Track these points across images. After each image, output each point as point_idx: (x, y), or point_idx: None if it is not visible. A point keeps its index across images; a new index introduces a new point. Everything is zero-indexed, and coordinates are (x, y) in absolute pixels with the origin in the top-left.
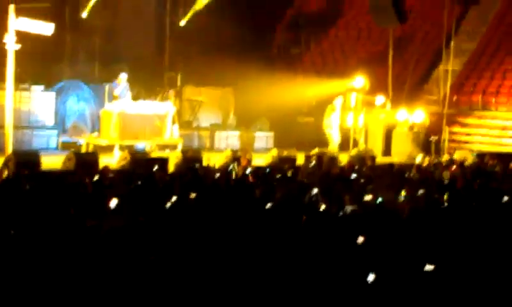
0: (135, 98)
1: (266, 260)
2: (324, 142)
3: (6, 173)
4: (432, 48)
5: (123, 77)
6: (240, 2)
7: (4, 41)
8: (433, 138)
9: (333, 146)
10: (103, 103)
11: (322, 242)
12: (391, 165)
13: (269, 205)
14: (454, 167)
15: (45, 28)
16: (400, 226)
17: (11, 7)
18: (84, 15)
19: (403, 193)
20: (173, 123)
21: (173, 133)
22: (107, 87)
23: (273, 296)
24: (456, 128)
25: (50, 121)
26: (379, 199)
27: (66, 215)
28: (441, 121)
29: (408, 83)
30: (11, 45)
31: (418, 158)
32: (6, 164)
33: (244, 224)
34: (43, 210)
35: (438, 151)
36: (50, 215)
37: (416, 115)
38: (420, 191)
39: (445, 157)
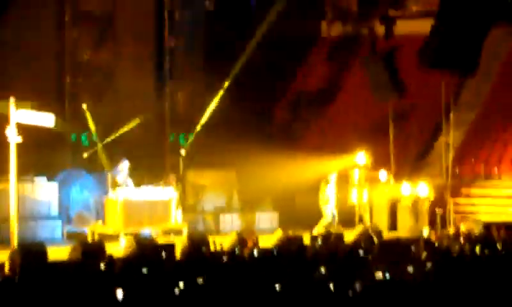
0: (138, 184)
1: None
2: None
3: (10, 266)
4: (432, 120)
5: (124, 163)
6: (239, 82)
7: (6, 133)
8: (438, 210)
9: (326, 222)
10: (106, 191)
11: None
12: (398, 241)
13: (278, 286)
14: (462, 239)
15: (46, 120)
16: (411, 302)
17: (12, 100)
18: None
19: (411, 269)
20: (177, 208)
21: (176, 219)
22: (109, 174)
23: None
24: (461, 200)
25: (54, 211)
26: (388, 276)
27: None
28: (445, 193)
29: (410, 156)
30: (13, 138)
31: (425, 232)
32: (11, 257)
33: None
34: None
35: (444, 224)
36: None
37: (420, 188)
38: (429, 265)
39: (452, 230)
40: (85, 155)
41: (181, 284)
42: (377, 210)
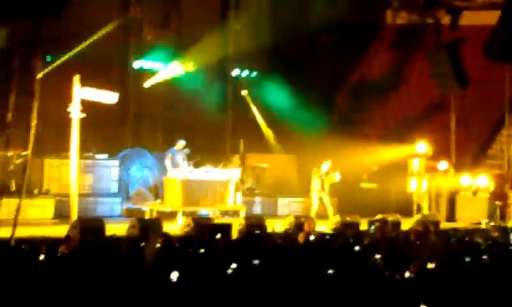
0: (198, 165)
1: None
2: (387, 209)
3: (70, 241)
4: (495, 113)
5: (180, 143)
6: (300, 69)
7: (69, 110)
8: (498, 203)
9: (313, 211)
10: (165, 171)
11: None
12: (455, 231)
13: (331, 271)
14: None
15: (110, 97)
16: (465, 293)
17: (76, 77)
18: (148, 84)
19: (468, 259)
20: (237, 189)
21: (236, 200)
22: (169, 154)
23: None
24: None
25: (114, 188)
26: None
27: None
28: (505, 186)
29: (471, 148)
30: (76, 114)
31: (483, 224)
32: (71, 231)
33: (306, 290)
34: (107, 278)
35: (503, 217)
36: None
37: (480, 180)
38: (484, 257)
39: (511, 223)
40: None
41: (235, 264)
42: (436, 200)
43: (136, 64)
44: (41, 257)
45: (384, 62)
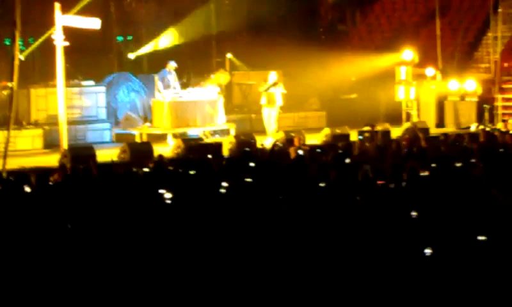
0: (185, 85)
1: (323, 238)
2: (376, 118)
3: (61, 169)
4: (480, 15)
5: (172, 64)
6: None
7: (52, 37)
8: (486, 106)
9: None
10: (153, 93)
11: (378, 216)
12: (445, 136)
13: (323, 184)
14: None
15: (93, 23)
16: (459, 198)
17: (57, 5)
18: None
19: (458, 164)
20: (225, 107)
21: (223, 119)
22: (156, 77)
23: (332, 272)
24: (509, 95)
25: (102, 114)
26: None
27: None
28: (493, 89)
29: (457, 52)
30: (59, 42)
31: (472, 127)
32: (62, 160)
33: (299, 204)
34: (102, 203)
35: (492, 119)
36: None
37: (468, 84)
38: (473, 160)
39: (500, 125)
40: (131, 55)
41: (227, 183)
42: (425, 107)
43: None
44: (32, 187)
45: None
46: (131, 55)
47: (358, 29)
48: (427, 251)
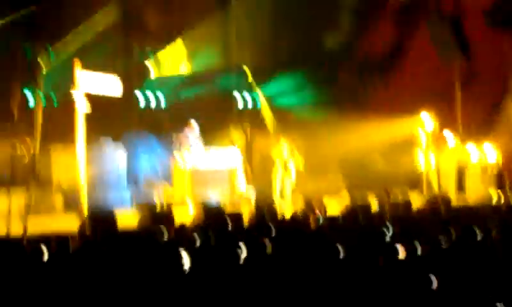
0: (205, 147)
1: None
2: (395, 185)
3: (81, 234)
4: (500, 82)
5: (193, 123)
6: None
7: (73, 97)
8: (507, 175)
9: (275, 193)
10: (173, 153)
11: (399, 285)
12: (466, 207)
13: (343, 253)
14: None
15: (113, 87)
16: (476, 268)
17: (77, 62)
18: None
19: (479, 233)
20: (245, 175)
21: (244, 186)
22: (176, 136)
23: None
24: None
25: (123, 178)
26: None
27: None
28: None
29: (478, 119)
30: (81, 105)
31: (494, 198)
32: (82, 225)
33: (319, 273)
34: (121, 270)
35: None
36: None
37: (488, 151)
38: (494, 232)
39: None
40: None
41: (246, 251)
42: (445, 174)
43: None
44: (52, 253)
45: (387, 36)
46: (151, 112)
47: (379, 94)
48: None
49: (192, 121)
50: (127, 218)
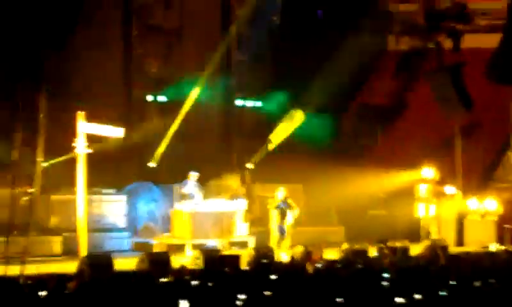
0: (205, 197)
1: None
2: (395, 235)
3: (79, 277)
4: (500, 135)
5: (193, 174)
6: (306, 95)
7: (74, 145)
8: (507, 226)
9: (273, 241)
10: (172, 203)
11: None
12: (464, 256)
13: (340, 299)
14: None
15: (116, 131)
16: None
17: (81, 114)
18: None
19: (477, 283)
20: (244, 220)
21: (242, 231)
22: (176, 186)
23: None
24: None
25: (121, 223)
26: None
27: None
28: None
29: (478, 171)
30: (82, 150)
31: (492, 247)
32: (80, 267)
33: None
34: None
35: None
36: None
37: (488, 203)
38: (492, 281)
39: None
40: (151, 165)
41: (244, 296)
42: (445, 225)
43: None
44: (50, 293)
45: (388, 87)
46: (151, 164)
47: (380, 144)
48: None
49: (193, 172)
50: (125, 262)
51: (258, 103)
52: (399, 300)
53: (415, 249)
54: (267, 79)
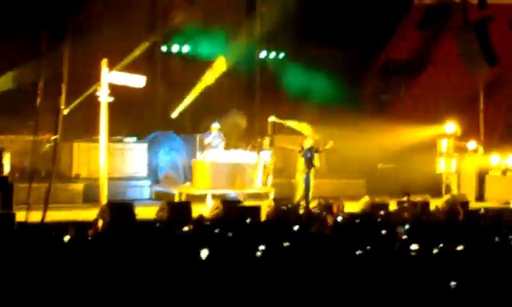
0: (226, 147)
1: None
2: (416, 189)
3: (100, 223)
4: None
5: (215, 126)
6: (330, 49)
7: (97, 94)
8: None
9: (297, 192)
10: (194, 153)
11: (415, 286)
12: (485, 211)
13: (360, 252)
14: None
15: (137, 81)
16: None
17: (104, 61)
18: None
19: (497, 238)
20: (267, 172)
21: (266, 182)
22: (198, 137)
23: None
24: None
25: (142, 172)
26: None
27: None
28: None
29: (500, 127)
30: (104, 98)
31: None
32: (101, 214)
33: (335, 271)
34: (138, 259)
35: None
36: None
37: (510, 159)
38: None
39: None
40: (173, 115)
41: (263, 246)
42: (465, 180)
43: (164, 48)
44: (68, 239)
45: (412, 43)
46: (174, 114)
47: (402, 99)
48: None
49: (214, 124)
50: (146, 211)
51: (282, 56)
52: (414, 247)
53: (435, 204)
54: (292, 33)
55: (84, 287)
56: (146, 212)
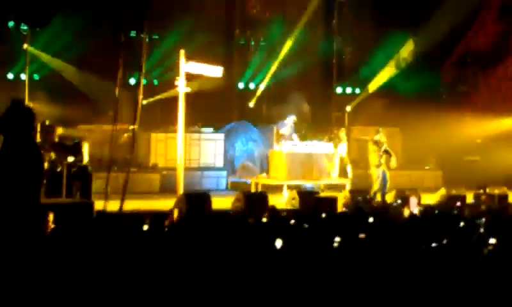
0: (302, 138)
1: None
2: (494, 181)
3: (176, 213)
4: None
5: (291, 117)
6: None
7: (176, 84)
8: None
9: (378, 184)
10: (271, 144)
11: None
12: None
13: (435, 244)
14: None
15: (215, 71)
16: None
17: (182, 52)
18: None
19: None
20: (345, 163)
21: (347, 174)
22: (274, 127)
23: None
24: None
25: (219, 162)
26: None
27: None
28: None
29: None
30: (182, 88)
31: None
32: (177, 204)
33: (410, 264)
34: (212, 250)
35: None
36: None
37: None
38: None
39: None
40: (251, 104)
41: (339, 238)
42: None
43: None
44: (146, 228)
45: (491, 33)
46: (251, 104)
47: (480, 91)
48: None
49: (291, 116)
50: (222, 201)
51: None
52: (492, 240)
53: None
54: (368, 22)
55: (160, 277)
56: (222, 202)
